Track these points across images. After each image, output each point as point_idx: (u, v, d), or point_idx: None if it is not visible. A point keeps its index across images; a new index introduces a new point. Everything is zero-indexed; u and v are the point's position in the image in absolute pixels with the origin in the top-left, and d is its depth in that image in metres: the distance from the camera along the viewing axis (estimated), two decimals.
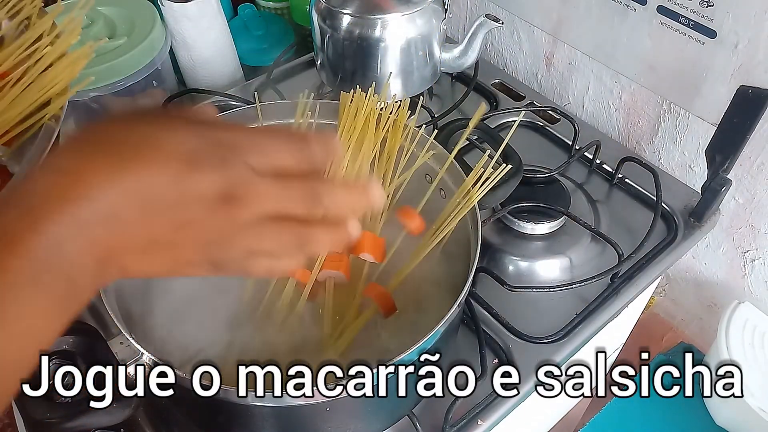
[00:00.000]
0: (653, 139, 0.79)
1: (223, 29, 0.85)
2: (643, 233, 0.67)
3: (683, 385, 0.75)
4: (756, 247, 0.75)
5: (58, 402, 0.41)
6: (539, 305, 0.63)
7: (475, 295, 0.62)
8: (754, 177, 0.70)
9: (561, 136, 0.80)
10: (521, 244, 0.67)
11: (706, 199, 0.68)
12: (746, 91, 0.61)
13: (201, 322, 0.55)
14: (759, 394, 0.71)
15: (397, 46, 0.74)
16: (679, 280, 0.88)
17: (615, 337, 0.89)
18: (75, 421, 0.39)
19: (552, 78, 0.88)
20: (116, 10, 0.82)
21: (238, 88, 0.85)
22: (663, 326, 0.93)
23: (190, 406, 0.50)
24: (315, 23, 0.76)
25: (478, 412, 0.54)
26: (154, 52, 0.80)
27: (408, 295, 0.55)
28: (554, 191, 0.71)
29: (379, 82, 0.76)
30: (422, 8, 0.73)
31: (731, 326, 0.75)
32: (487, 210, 0.68)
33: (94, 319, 0.61)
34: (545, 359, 0.58)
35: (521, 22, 0.87)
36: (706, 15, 0.64)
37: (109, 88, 0.76)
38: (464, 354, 0.57)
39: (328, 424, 0.48)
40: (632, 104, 0.79)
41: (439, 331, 0.44)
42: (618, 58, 0.76)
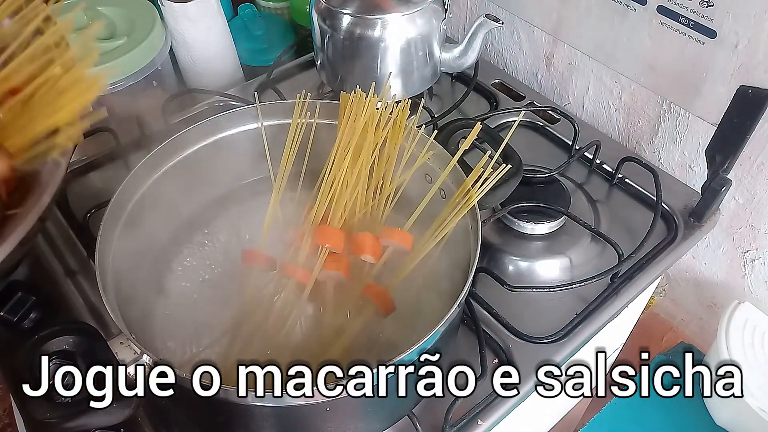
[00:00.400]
0: (653, 139, 0.79)
1: (223, 29, 0.85)
2: (643, 233, 0.67)
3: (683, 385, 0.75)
4: (756, 247, 0.75)
5: (58, 402, 0.41)
6: (539, 305, 0.63)
7: (475, 295, 0.62)
8: (754, 177, 0.70)
9: (561, 136, 0.80)
10: (521, 244, 0.67)
11: (706, 199, 0.68)
12: (746, 91, 0.61)
13: (201, 322, 0.55)
14: (759, 394, 0.71)
15: (397, 46, 0.74)
16: (679, 280, 0.88)
17: (615, 337, 0.89)
18: (75, 421, 0.39)
19: (552, 78, 0.88)
20: (116, 10, 0.83)
21: (238, 88, 0.85)
22: (663, 326, 0.93)
23: (190, 406, 0.50)
24: (315, 23, 0.76)
25: (478, 412, 0.54)
26: (154, 52, 0.80)
27: (408, 295, 0.55)
28: (554, 191, 0.71)
29: (379, 82, 0.76)
30: (422, 8, 0.73)
31: (731, 326, 0.75)
32: (487, 210, 0.68)
33: (94, 319, 0.61)
34: (545, 359, 0.58)
35: (521, 22, 0.87)
36: (706, 15, 0.64)
37: (109, 88, 0.76)
38: (464, 354, 0.57)
39: (328, 424, 0.48)
40: (632, 104, 0.79)
41: (439, 331, 0.44)
42: (618, 58, 0.76)
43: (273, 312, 0.55)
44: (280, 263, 0.57)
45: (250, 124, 0.61)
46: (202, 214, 0.62)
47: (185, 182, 0.58)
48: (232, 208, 0.63)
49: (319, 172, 0.58)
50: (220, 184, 0.63)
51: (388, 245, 0.55)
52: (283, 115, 0.60)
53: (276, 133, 0.61)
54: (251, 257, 0.57)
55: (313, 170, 0.59)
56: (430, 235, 0.54)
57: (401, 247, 0.55)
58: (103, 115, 0.48)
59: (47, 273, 0.65)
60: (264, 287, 0.57)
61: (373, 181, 0.57)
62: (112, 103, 0.79)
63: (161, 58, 0.81)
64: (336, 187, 0.55)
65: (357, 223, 0.58)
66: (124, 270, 0.50)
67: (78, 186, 0.73)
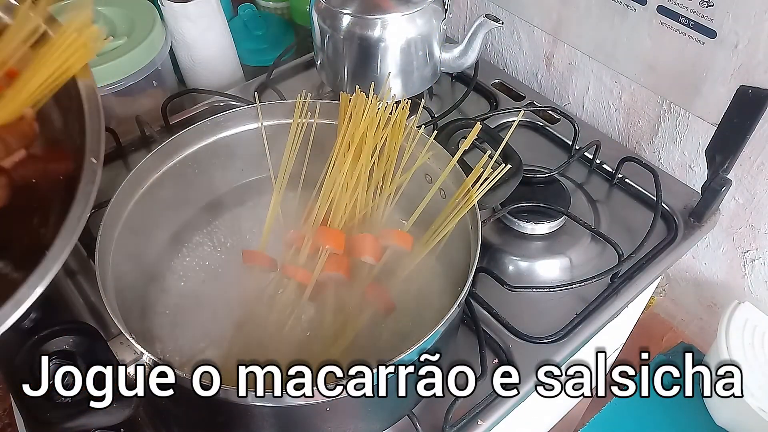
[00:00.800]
0: (653, 139, 0.79)
1: (223, 29, 0.85)
2: (643, 233, 0.67)
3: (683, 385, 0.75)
4: (756, 247, 0.75)
5: (58, 402, 0.41)
6: (539, 305, 0.63)
7: (475, 295, 0.62)
8: (754, 177, 0.70)
9: (561, 136, 0.80)
10: (521, 244, 0.67)
11: (706, 199, 0.68)
12: (746, 91, 0.61)
13: (201, 322, 0.55)
14: (759, 394, 0.71)
15: (397, 46, 0.74)
16: (679, 280, 0.88)
17: (615, 337, 0.89)
18: (75, 421, 0.39)
19: (552, 78, 0.88)
20: (116, 10, 0.83)
21: (238, 88, 0.85)
22: (663, 326, 0.93)
23: (190, 406, 0.50)
24: (315, 23, 0.76)
25: (478, 412, 0.54)
26: (154, 52, 0.80)
27: (408, 295, 0.55)
28: (554, 191, 0.71)
29: (379, 82, 0.76)
30: (422, 8, 0.73)
31: (731, 326, 0.75)
32: (487, 210, 0.68)
33: (94, 319, 0.61)
34: (545, 359, 0.58)
35: (521, 22, 0.87)
36: (706, 15, 0.64)
37: (110, 88, 0.76)
38: (464, 354, 0.57)
39: (328, 424, 0.48)
40: (632, 104, 0.79)
41: (439, 331, 0.44)
42: (618, 58, 0.76)
43: (273, 312, 0.55)
44: (280, 263, 0.57)
45: (250, 124, 0.60)
46: (202, 214, 0.62)
47: (185, 182, 0.58)
48: (233, 208, 0.63)
49: (319, 172, 0.58)
50: (220, 184, 0.63)
51: (387, 246, 0.55)
52: (283, 115, 0.60)
53: (276, 133, 0.61)
54: (251, 258, 0.57)
55: (313, 170, 0.59)
56: (430, 235, 0.54)
57: (401, 248, 0.55)
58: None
59: None
60: (264, 288, 0.57)
61: (373, 182, 0.57)
62: (112, 103, 0.79)
63: (161, 58, 0.81)
64: (336, 189, 0.55)
65: (357, 224, 0.58)
66: (124, 270, 0.50)
67: None
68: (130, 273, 0.52)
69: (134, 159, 0.75)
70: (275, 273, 0.57)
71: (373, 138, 0.55)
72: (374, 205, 0.58)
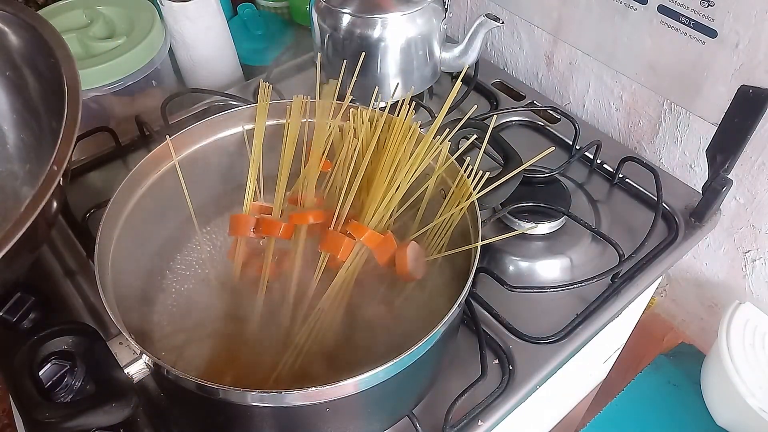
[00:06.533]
0: (654, 139, 0.79)
1: (223, 29, 0.85)
2: (644, 233, 0.67)
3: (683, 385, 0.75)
4: (757, 247, 0.75)
5: (58, 402, 0.41)
6: (539, 305, 0.63)
7: (475, 295, 0.62)
8: (755, 177, 0.70)
9: (561, 135, 0.80)
10: (521, 244, 0.67)
11: (707, 199, 0.68)
12: (747, 91, 0.61)
13: (201, 322, 0.55)
14: (759, 394, 0.70)
15: (397, 46, 0.74)
16: (679, 280, 0.88)
17: (615, 338, 0.89)
18: (74, 421, 0.39)
19: (552, 77, 0.88)
20: (116, 10, 0.83)
21: (238, 88, 0.85)
22: (664, 326, 0.93)
23: (190, 406, 0.50)
24: (315, 23, 0.76)
25: (479, 412, 0.54)
26: (154, 51, 0.80)
27: (408, 295, 0.55)
28: (554, 191, 0.71)
29: (379, 82, 0.76)
30: (422, 8, 0.73)
31: (732, 326, 0.75)
32: (487, 210, 0.68)
33: (94, 320, 0.61)
34: (546, 360, 0.58)
35: (521, 21, 0.87)
36: (706, 15, 0.64)
37: (109, 88, 0.76)
38: (464, 354, 0.57)
39: (328, 425, 0.48)
40: (633, 104, 0.79)
41: (439, 332, 0.44)
42: (618, 57, 0.76)
43: (274, 312, 0.55)
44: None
45: (250, 123, 0.60)
46: (202, 213, 0.61)
47: (185, 182, 0.58)
48: (232, 208, 0.63)
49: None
50: (220, 183, 0.63)
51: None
52: (283, 114, 0.60)
53: (276, 132, 0.61)
54: (237, 225, 0.57)
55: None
56: (430, 235, 0.54)
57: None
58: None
59: (46, 273, 0.65)
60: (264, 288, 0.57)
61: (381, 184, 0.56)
62: (111, 103, 0.79)
63: (161, 57, 0.81)
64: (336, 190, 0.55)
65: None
66: (123, 270, 0.50)
67: (77, 186, 0.73)
68: (129, 273, 0.52)
69: (134, 159, 0.75)
70: (263, 241, 0.57)
71: (408, 159, 0.54)
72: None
